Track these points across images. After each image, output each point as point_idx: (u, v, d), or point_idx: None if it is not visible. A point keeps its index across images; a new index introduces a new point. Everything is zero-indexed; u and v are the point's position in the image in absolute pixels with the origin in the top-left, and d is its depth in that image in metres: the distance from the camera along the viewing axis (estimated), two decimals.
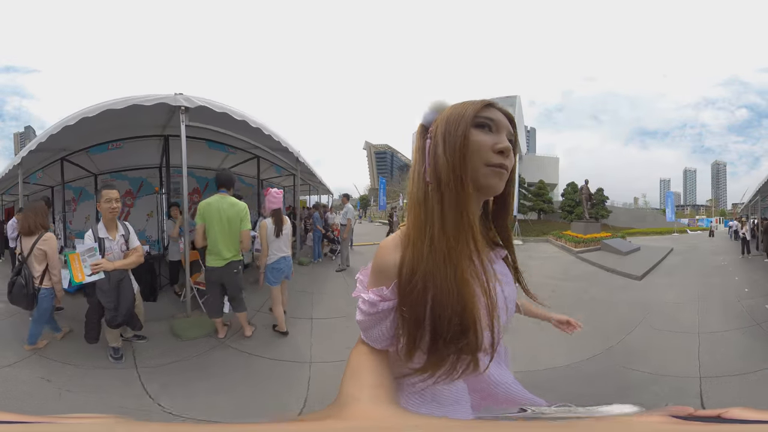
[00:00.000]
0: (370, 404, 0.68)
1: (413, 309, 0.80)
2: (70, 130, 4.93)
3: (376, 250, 0.89)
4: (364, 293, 0.90)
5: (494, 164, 0.83)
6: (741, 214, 22.78)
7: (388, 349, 0.89)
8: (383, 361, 0.87)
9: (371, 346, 0.90)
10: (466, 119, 0.83)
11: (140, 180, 9.06)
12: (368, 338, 0.90)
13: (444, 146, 0.83)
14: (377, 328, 0.87)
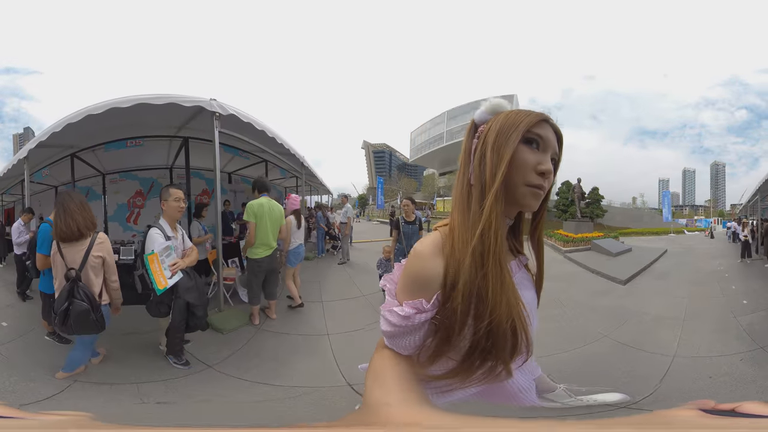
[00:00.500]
0: (404, 408, 0.68)
1: (455, 320, 0.78)
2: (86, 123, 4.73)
3: (410, 256, 0.86)
4: (396, 306, 0.85)
5: (533, 185, 0.83)
6: (740, 215, 22.30)
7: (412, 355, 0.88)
8: (409, 366, 0.85)
9: (395, 351, 0.88)
10: (518, 132, 0.82)
11: (151, 180, 9.10)
12: (394, 346, 0.88)
13: (492, 154, 0.83)
14: (408, 338, 0.85)
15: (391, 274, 0.94)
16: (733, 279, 8.84)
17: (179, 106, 4.68)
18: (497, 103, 0.90)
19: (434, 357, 0.83)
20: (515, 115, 0.85)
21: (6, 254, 9.20)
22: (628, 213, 40.23)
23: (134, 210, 9.18)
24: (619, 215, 34.15)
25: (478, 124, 0.91)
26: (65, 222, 3.07)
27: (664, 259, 12.38)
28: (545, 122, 0.86)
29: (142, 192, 9.21)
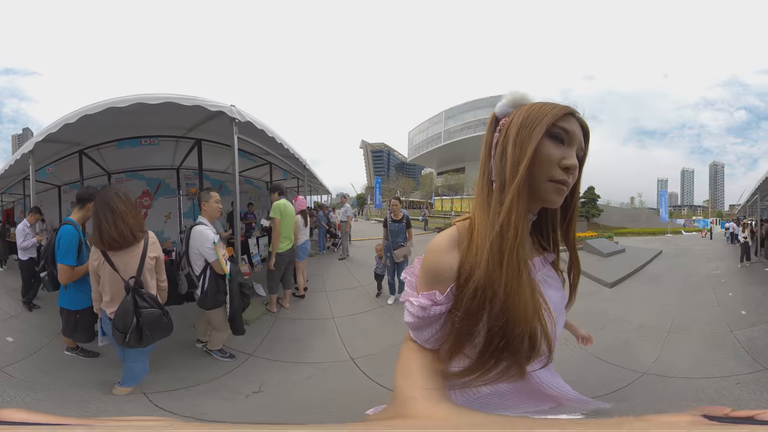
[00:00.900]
0: (427, 403, 0.70)
1: (468, 315, 0.79)
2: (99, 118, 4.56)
3: (426, 249, 0.88)
4: (413, 297, 0.87)
5: (557, 180, 0.82)
6: (738, 215, 22.14)
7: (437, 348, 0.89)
8: (434, 360, 0.86)
9: (419, 344, 0.90)
10: (542, 126, 0.81)
11: (158, 180, 9.10)
12: (418, 338, 0.89)
13: (513, 149, 0.81)
14: (427, 330, 0.86)
15: (412, 267, 0.95)
16: (730, 284, 8.23)
17: (202, 109, 4.78)
18: (520, 95, 0.87)
19: (451, 353, 0.84)
20: (539, 108, 0.83)
21: (6, 257, 8.71)
22: (625, 213, 40.63)
23: (141, 210, 8.95)
24: (615, 215, 34.53)
25: (500, 117, 0.89)
26: (116, 227, 2.67)
27: (658, 261, 12.07)
28: (571, 115, 0.84)
29: (149, 192, 9.19)
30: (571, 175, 0.82)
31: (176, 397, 3.09)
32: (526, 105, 0.86)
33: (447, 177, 59.97)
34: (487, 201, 0.84)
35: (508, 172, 0.81)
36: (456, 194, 54.24)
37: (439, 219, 32.94)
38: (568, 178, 0.82)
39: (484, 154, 0.89)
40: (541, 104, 0.84)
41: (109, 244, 2.68)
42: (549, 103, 0.84)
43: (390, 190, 52.74)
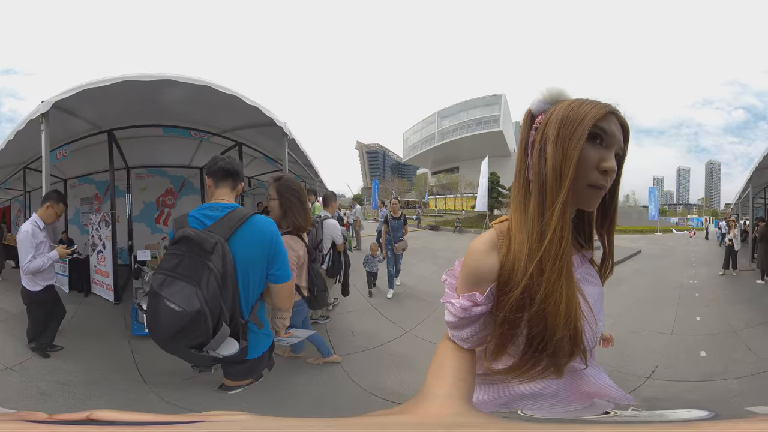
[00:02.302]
0: (443, 401, 0.73)
1: (509, 316, 0.82)
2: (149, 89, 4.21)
3: (466, 251, 0.91)
4: (454, 299, 0.90)
5: (595, 185, 0.81)
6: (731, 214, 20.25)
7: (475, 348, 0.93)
8: (468, 359, 0.90)
9: (457, 344, 0.93)
10: (584, 127, 0.79)
11: (182, 179, 8.68)
12: (456, 338, 0.93)
13: (554, 150, 0.80)
14: (467, 330, 0.90)
15: (452, 269, 0.97)
16: (704, 301, 6.80)
17: (258, 113, 4.85)
18: (556, 91, 0.85)
19: (495, 352, 0.89)
20: (579, 107, 0.81)
21: (3, 264, 7.49)
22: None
23: (164, 210, 8.62)
24: None
25: (535, 114, 0.88)
26: (307, 215, 2.95)
27: (631, 263, 11.38)
28: (612, 114, 0.82)
29: (172, 190, 8.70)
30: (609, 177, 0.82)
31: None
32: (563, 102, 0.84)
33: (440, 177, 61.24)
34: (524, 203, 0.85)
35: (549, 176, 0.80)
36: (449, 193, 55.51)
37: (432, 217, 33.89)
38: (606, 182, 0.82)
39: (520, 154, 0.89)
40: (581, 102, 0.83)
41: (300, 228, 2.91)
42: (588, 100, 0.83)
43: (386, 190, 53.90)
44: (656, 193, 32.42)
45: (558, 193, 0.79)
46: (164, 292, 1.74)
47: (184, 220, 1.97)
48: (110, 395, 3.24)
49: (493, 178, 31.64)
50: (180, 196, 8.75)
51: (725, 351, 4.41)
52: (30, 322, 4.03)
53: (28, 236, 3.73)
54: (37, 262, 3.74)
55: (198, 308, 1.72)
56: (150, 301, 1.81)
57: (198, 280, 1.75)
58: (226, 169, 2.12)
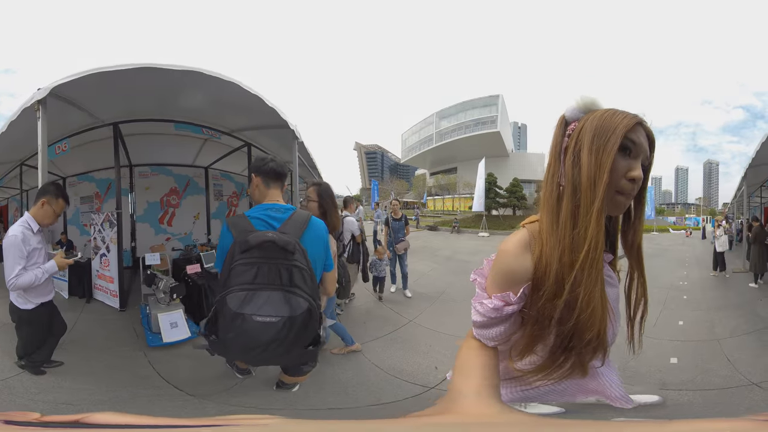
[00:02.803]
0: (474, 400, 0.74)
1: (541, 318, 0.86)
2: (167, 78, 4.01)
3: (498, 252, 0.92)
4: (485, 299, 0.92)
5: (622, 192, 0.85)
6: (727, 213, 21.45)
7: (499, 347, 0.96)
8: (493, 358, 0.93)
9: (481, 342, 0.96)
10: (616, 137, 0.82)
11: (186, 178, 8.57)
12: (482, 336, 0.95)
13: (588, 158, 0.83)
14: (495, 329, 0.92)
15: (481, 269, 0.99)
16: (691, 303, 6.79)
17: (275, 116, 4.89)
18: (590, 99, 0.89)
19: (523, 352, 0.91)
20: (611, 117, 0.85)
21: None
22: None
23: (168, 209, 8.48)
24: None
25: (569, 121, 0.91)
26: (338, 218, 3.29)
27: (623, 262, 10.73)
28: (639, 125, 0.86)
29: (177, 190, 8.52)
30: (635, 185, 0.85)
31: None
32: (597, 111, 0.88)
33: (438, 178, 61.25)
34: (557, 206, 0.87)
35: (584, 182, 0.82)
36: (448, 194, 55.58)
37: (430, 218, 34.07)
38: (633, 190, 0.85)
39: (553, 159, 0.91)
40: (613, 112, 0.86)
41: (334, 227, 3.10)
42: (620, 111, 0.86)
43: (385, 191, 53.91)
44: (653, 192, 32.43)
45: (593, 199, 0.82)
46: (248, 310, 1.77)
47: (246, 223, 2.00)
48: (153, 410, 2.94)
49: (490, 179, 31.92)
50: (184, 195, 8.64)
51: (700, 360, 4.19)
52: (20, 341, 3.28)
53: (16, 242, 2.93)
54: (27, 277, 2.96)
55: (305, 307, 1.83)
56: (232, 323, 1.79)
57: (284, 285, 1.82)
58: (277, 171, 2.27)
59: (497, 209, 33.26)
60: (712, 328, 5.31)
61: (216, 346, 1.94)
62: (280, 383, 3.05)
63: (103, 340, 4.40)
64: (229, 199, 9.50)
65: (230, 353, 2.00)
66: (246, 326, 1.77)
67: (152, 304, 4.44)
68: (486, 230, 23.38)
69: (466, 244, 16.59)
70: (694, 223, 40.41)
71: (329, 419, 0.63)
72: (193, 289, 4.70)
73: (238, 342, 1.83)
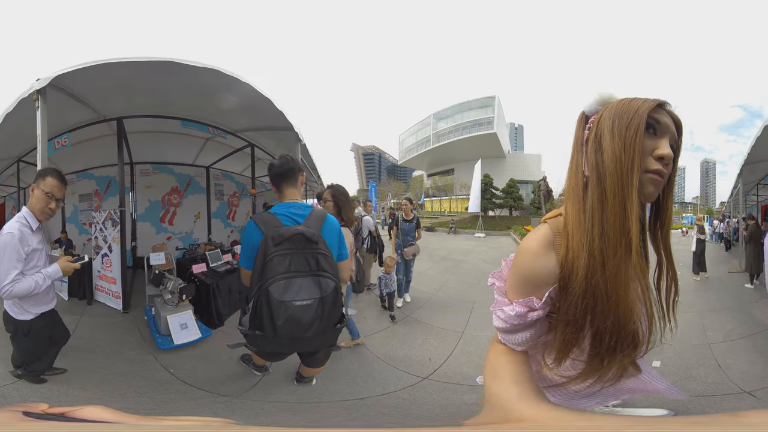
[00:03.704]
0: (526, 404, 0.71)
1: (574, 320, 0.80)
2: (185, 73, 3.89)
3: (518, 251, 0.87)
4: (506, 305, 0.88)
5: (651, 170, 0.81)
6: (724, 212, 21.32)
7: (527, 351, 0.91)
8: (525, 361, 0.88)
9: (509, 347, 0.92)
10: (640, 116, 0.80)
11: (188, 177, 8.59)
12: (508, 341, 0.91)
13: (611, 138, 0.80)
14: (521, 335, 0.88)
15: (499, 271, 0.95)
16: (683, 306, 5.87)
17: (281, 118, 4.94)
18: (607, 94, 0.88)
19: (559, 357, 0.86)
20: (630, 102, 0.83)
21: None
22: None
23: (169, 208, 8.47)
24: None
25: (589, 116, 0.91)
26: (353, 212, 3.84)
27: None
28: (661, 107, 0.84)
29: (178, 189, 8.51)
30: (666, 165, 0.82)
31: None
32: (613, 101, 0.87)
33: (435, 179, 61.43)
34: (583, 198, 0.83)
35: (608, 165, 0.79)
36: (445, 195, 55.80)
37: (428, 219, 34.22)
38: (663, 168, 0.82)
39: (575, 151, 0.90)
40: (631, 99, 0.85)
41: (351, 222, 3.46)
42: (638, 97, 0.85)
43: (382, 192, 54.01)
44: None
45: (621, 182, 0.78)
46: (287, 297, 1.98)
47: (275, 220, 2.21)
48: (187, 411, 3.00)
49: (486, 180, 32.04)
50: (186, 194, 8.64)
51: (686, 365, 3.96)
52: (16, 351, 2.90)
53: (12, 242, 2.48)
54: (25, 284, 2.51)
55: (332, 286, 2.09)
56: (275, 310, 1.97)
57: (310, 268, 2.07)
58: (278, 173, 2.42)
59: (493, 210, 33.47)
60: (703, 331, 5.13)
61: (261, 340, 2.08)
62: (299, 377, 3.16)
63: (108, 344, 4.20)
64: (230, 199, 9.62)
65: (280, 342, 2.08)
66: (290, 312, 1.97)
67: (159, 306, 4.33)
68: (482, 231, 23.52)
69: (461, 245, 16.92)
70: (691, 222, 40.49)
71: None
72: (200, 289, 4.61)
73: (287, 328, 2.00)
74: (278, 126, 5.30)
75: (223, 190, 9.47)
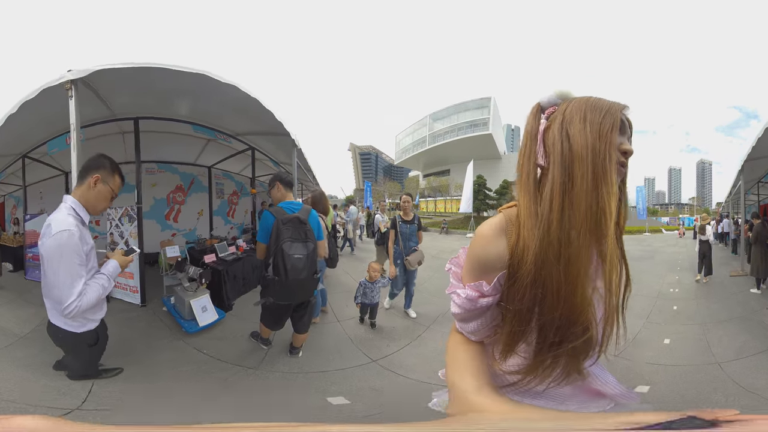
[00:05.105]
0: (481, 397, 0.73)
1: (519, 307, 0.80)
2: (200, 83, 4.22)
3: (473, 238, 0.88)
4: (459, 288, 0.89)
5: (618, 162, 0.83)
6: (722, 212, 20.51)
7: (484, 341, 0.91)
8: (481, 352, 0.89)
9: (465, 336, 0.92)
10: (614, 113, 0.82)
11: (191, 176, 8.85)
12: (464, 330, 0.92)
13: (584, 127, 0.81)
14: (474, 323, 0.89)
15: (456, 258, 0.97)
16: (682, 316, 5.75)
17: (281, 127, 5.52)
18: (566, 90, 0.90)
19: (505, 351, 0.86)
20: (599, 100, 0.85)
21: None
22: None
23: (174, 206, 8.70)
24: None
25: (545, 107, 0.91)
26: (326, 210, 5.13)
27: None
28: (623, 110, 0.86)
29: (182, 187, 8.75)
30: (628, 159, 0.86)
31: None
32: (577, 98, 0.88)
33: (431, 180, 62.08)
34: (534, 187, 0.84)
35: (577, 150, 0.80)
36: (440, 195, 56.42)
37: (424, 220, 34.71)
38: (626, 165, 0.85)
39: (528, 140, 0.89)
40: (597, 98, 0.87)
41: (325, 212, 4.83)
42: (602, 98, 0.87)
43: (378, 192, 54.58)
44: (644, 192, 31.70)
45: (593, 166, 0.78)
46: (291, 252, 3.26)
47: (281, 210, 3.43)
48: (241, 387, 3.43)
49: (480, 181, 32.64)
50: (189, 193, 8.96)
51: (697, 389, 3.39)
52: (76, 363, 2.75)
53: (72, 242, 2.06)
54: (93, 293, 2.17)
55: (312, 248, 3.39)
56: (285, 260, 3.24)
57: (302, 238, 3.36)
58: (291, 183, 3.82)
59: (487, 211, 34.07)
60: (708, 347, 4.38)
61: (278, 285, 3.26)
62: (291, 349, 3.98)
63: (138, 338, 4.26)
64: (230, 198, 10.10)
65: (288, 286, 3.27)
66: (292, 262, 3.25)
67: (179, 293, 4.77)
68: (473, 231, 23.93)
69: (451, 244, 17.30)
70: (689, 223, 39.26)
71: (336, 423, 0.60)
72: (213, 276, 5.14)
73: (291, 272, 3.26)
74: (277, 132, 5.87)
75: (223, 189, 9.87)
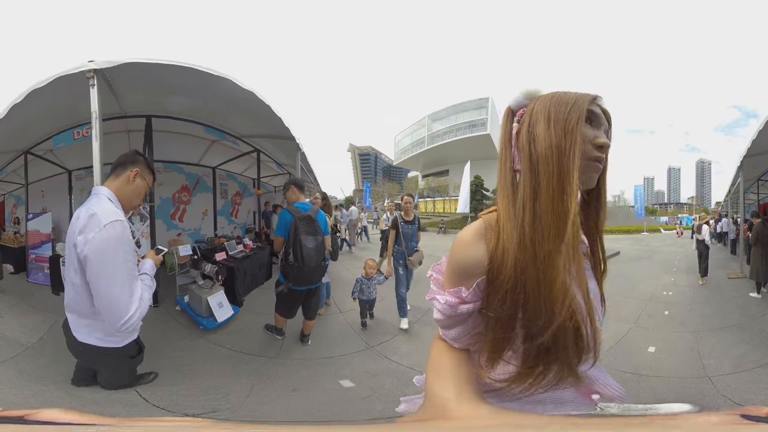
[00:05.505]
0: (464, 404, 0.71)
1: (501, 313, 0.78)
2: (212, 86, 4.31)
3: (453, 244, 0.87)
4: (440, 294, 0.88)
5: (593, 157, 0.83)
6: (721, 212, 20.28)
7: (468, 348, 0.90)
8: (465, 359, 0.87)
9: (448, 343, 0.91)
10: (580, 106, 0.81)
11: (196, 176, 8.94)
12: (447, 337, 0.90)
13: (548, 125, 0.80)
14: (456, 329, 0.87)
15: (438, 264, 0.96)
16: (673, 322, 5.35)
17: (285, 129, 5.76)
18: (534, 89, 0.88)
19: (491, 359, 0.83)
20: (564, 94, 0.84)
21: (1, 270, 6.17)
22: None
23: (179, 206, 8.79)
24: None
25: (515, 110, 0.90)
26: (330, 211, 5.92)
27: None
28: (595, 101, 0.85)
29: (188, 187, 8.81)
30: (604, 153, 0.84)
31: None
32: (545, 95, 0.87)
33: (429, 180, 62.35)
34: (513, 192, 0.83)
35: (542, 153, 0.79)
36: (439, 196, 56.68)
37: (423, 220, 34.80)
38: (602, 156, 0.84)
39: (504, 146, 0.89)
40: (564, 92, 0.85)
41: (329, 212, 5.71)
42: (570, 91, 0.86)
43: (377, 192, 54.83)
44: (642, 191, 31.37)
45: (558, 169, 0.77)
46: (306, 243, 3.91)
47: (297, 210, 4.02)
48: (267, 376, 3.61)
49: (477, 181, 32.93)
50: (195, 193, 9.03)
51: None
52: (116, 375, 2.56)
53: (127, 234, 1.90)
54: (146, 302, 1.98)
55: (321, 240, 4.05)
56: (302, 250, 3.87)
57: (314, 232, 4.00)
58: (303, 187, 4.48)
59: (482, 209, 34.28)
60: (699, 358, 3.99)
61: (296, 269, 3.88)
62: (302, 337, 4.45)
63: (158, 339, 4.02)
64: (233, 198, 10.30)
65: (303, 270, 3.90)
66: (307, 250, 3.90)
67: (195, 291, 4.88)
68: None
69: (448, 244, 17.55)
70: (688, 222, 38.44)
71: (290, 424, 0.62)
72: (228, 271, 5.41)
73: (306, 258, 3.89)
74: (284, 136, 6.14)
75: (227, 190, 10.05)
